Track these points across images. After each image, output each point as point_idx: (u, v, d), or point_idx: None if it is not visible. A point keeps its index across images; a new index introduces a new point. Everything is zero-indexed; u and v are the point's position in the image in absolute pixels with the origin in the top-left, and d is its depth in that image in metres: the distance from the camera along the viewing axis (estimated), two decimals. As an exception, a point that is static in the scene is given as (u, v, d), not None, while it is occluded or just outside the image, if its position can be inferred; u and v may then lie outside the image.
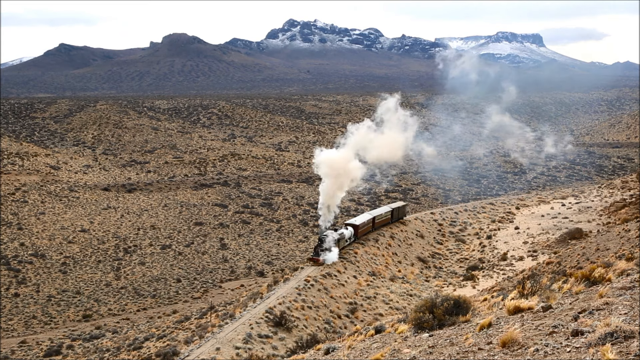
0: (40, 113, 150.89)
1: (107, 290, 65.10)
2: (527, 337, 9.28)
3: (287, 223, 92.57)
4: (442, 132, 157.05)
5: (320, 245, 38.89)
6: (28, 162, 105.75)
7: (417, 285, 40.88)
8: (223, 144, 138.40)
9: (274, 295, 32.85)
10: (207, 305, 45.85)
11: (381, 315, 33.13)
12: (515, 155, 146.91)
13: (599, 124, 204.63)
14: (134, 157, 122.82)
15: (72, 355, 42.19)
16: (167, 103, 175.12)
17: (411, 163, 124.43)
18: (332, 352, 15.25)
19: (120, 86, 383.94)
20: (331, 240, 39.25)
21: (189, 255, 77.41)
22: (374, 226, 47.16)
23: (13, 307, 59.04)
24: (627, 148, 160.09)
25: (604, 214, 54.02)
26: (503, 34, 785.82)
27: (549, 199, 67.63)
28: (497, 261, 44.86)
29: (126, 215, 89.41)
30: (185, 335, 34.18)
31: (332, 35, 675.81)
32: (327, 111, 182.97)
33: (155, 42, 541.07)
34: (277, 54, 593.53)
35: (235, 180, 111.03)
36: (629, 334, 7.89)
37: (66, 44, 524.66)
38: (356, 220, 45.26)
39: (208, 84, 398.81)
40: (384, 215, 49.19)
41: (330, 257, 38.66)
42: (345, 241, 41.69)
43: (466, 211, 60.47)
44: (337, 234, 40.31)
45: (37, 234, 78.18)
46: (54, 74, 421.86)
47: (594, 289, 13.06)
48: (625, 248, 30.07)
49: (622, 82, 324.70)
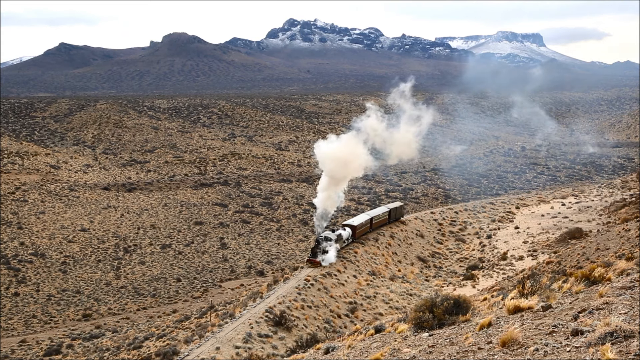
0: (40, 112, 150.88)
1: (107, 289, 65.10)
2: (527, 337, 9.27)
3: (287, 222, 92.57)
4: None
5: (317, 246, 38.48)
6: (28, 161, 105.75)
7: (417, 284, 40.88)
8: (223, 143, 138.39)
9: (274, 295, 32.85)
10: (207, 304, 45.86)
11: (381, 315, 33.13)
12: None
13: (599, 124, 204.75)
14: (134, 156, 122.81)
15: (72, 354, 42.18)
16: (167, 102, 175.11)
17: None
18: (332, 351, 15.25)
19: (120, 86, 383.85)
20: (329, 242, 38.95)
21: (189, 255, 77.41)
22: (371, 227, 46.89)
23: (13, 306, 59.04)
24: (627, 148, 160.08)
25: (604, 214, 54.02)
26: (503, 34, 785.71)
27: (549, 198, 67.64)
28: (497, 261, 44.86)
29: (126, 214, 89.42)
30: (185, 334, 34.18)
31: (332, 34, 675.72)
32: (327, 111, 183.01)
33: (155, 42, 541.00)
34: (277, 54, 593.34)
35: (235, 180, 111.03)
36: (628, 334, 7.89)
37: (66, 44, 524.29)
38: (354, 221, 44.85)
39: (208, 83, 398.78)
40: (382, 215, 48.83)
41: (328, 258, 38.35)
42: (344, 242, 41.38)
43: (466, 211, 60.48)
44: (335, 234, 40.03)
45: (37, 233, 78.18)
46: (54, 73, 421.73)
47: (593, 289, 13.05)
48: (625, 248, 30.07)
49: (622, 81, 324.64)
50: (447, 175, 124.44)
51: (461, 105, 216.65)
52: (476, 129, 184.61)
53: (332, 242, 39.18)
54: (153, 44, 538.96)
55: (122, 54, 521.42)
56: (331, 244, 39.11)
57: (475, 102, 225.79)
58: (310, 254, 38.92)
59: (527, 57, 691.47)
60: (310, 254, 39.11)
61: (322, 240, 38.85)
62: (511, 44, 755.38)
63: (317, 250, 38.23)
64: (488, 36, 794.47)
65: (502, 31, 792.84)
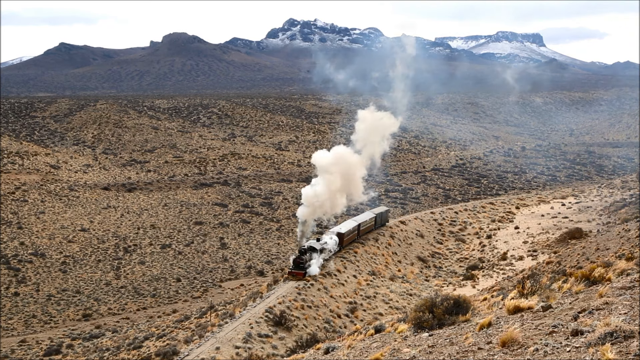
0: (40, 112, 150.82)
1: (107, 289, 65.09)
2: (527, 337, 9.27)
3: (287, 222, 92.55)
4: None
5: (300, 257, 35.19)
6: (28, 161, 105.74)
7: (416, 284, 40.88)
8: (223, 143, 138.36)
9: (273, 295, 32.84)
10: (207, 304, 45.80)
11: (381, 315, 33.13)
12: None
13: (599, 124, 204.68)
14: (134, 156, 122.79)
15: (72, 354, 42.17)
16: (167, 102, 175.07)
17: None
18: (331, 351, 15.25)
19: (120, 85, 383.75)
20: (313, 252, 36.09)
21: (189, 255, 77.41)
22: (359, 234, 44.53)
23: (13, 306, 59.03)
24: (627, 148, 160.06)
25: (604, 214, 54.01)
26: (503, 34, 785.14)
27: (549, 198, 67.66)
28: (497, 261, 44.87)
29: (126, 214, 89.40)
30: (185, 334, 34.17)
31: (332, 34, 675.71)
32: (327, 111, 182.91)
33: (155, 42, 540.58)
34: (277, 54, 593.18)
35: (235, 180, 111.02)
36: (628, 334, 7.89)
37: (66, 43, 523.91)
38: (341, 228, 41.65)
39: (208, 83, 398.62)
40: (369, 221, 46.43)
41: (311, 270, 35.41)
42: (329, 251, 38.39)
43: (466, 211, 60.49)
44: (320, 244, 37.26)
45: (37, 233, 78.17)
46: (54, 73, 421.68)
47: (593, 289, 13.05)
48: (625, 248, 30.05)
49: (622, 81, 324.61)
50: (447, 175, 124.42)
51: (461, 105, 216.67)
52: (476, 129, 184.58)
53: (316, 254, 36.25)
54: (153, 43, 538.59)
55: (122, 54, 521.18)
56: (315, 255, 36.13)
57: (475, 102, 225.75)
58: (293, 265, 35.51)
59: (527, 57, 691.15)
60: (292, 265, 35.63)
61: (306, 250, 35.82)
62: (511, 44, 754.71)
63: (300, 262, 35.00)
64: (488, 36, 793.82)
65: (502, 31, 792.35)
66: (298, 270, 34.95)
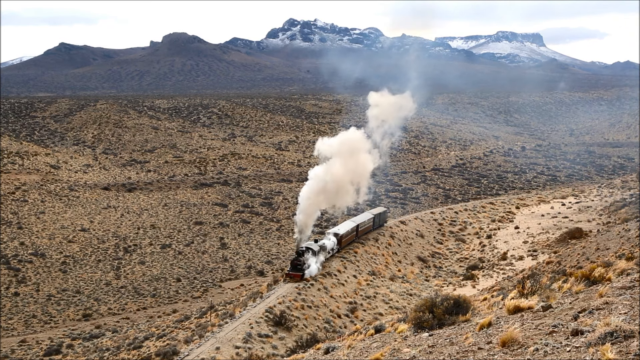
0: (40, 112, 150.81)
1: (107, 289, 65.10)
2: (527, 337, 9.27)
3: (287, 222, 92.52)
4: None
5: (297, 259, 34.76)
6: (28, 161, 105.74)
7: (417, 284, 40.88)
8: (223, 143, 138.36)
9: (273, 295, 32.83)
10: (207, 304, 45.80)
11: (381, 315, 33.13)
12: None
13: (599, 124, 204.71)
14: (134, 156, 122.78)
15: (72, 354, 42.18)
16: (167, 102, 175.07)
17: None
18: (331, 351, 15.24)
19: (120, 85, 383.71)
20: (311, 253, 35.58)
21: (189, 255, 77.41)
22: (357, 235, 44.27)
23: (13, 306, 59.04)
24: (627, 148, 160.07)
25: (604, 214, 54.01)
26: (503, 34, 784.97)
27: (549, 198, 67.65)
28: (497, 261, 44.87)
29: (126, 214, 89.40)
30: (185, 334, 34.17)
31: (332, 34, 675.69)
32: (327, 110, 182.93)
33: (155, 42, 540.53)
34: (277, 54, 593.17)
35: (235, 180, 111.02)
36: (628, 334, 7.89)
37: (66, 43, 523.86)
38: (340, 229, 41.36)
39: (208, 83, 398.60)
40: (367, 222, 46.04)
41: (310, 271, 35.08)
42: (328, 253, 38.01)
43: (466, 211, 60.49)
44: (318, 245, 36.88)
45: (37, 233, 78.17)
46: (54, 73, 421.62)
47: (593, 289, 13.06)
48: (625, 248, 30.06)
49: (622, 81, 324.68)
50: (447, 175, 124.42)
51: (461, 105, 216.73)
52: (476, 128, 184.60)
53: (314, 255, 35.75)
54: (153, 43, 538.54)
55: (122, 54, 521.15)
56: (313, 257, 35.66)
57: (475, 102, 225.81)
58: (290, 267, 35.14)
59: (527, 57, 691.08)
60: (290, 267, 35.31)
61: (304, 252, 35.23)
62: (511, 44, 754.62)
63: (298, 264, 34.57)
64: (488, 36, 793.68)
65: (502, 31, 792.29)
66: (295, 272, 34.64)
